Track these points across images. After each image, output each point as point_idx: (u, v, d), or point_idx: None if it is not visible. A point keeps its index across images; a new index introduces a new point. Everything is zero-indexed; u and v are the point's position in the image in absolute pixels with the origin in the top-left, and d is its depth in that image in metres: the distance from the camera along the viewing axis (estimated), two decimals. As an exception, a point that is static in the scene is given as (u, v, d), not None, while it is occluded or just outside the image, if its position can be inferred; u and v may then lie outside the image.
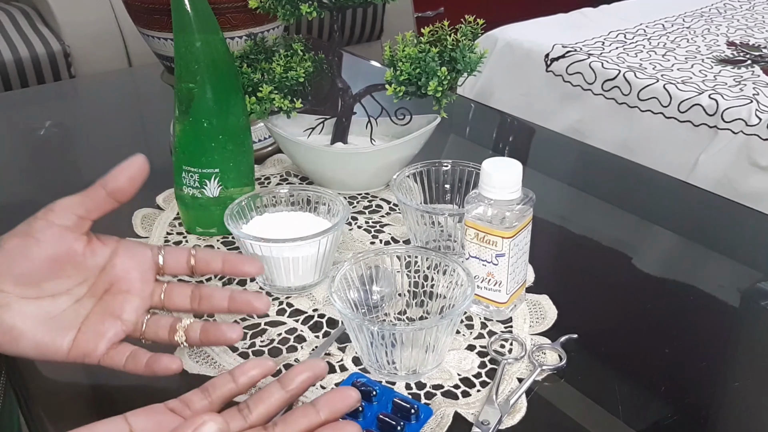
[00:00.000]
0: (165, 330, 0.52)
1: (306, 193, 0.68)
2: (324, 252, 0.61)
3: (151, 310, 0.53)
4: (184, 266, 0.54)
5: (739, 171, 1.36)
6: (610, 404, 0.52)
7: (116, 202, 0.51)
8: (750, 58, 1.67)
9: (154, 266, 0.53)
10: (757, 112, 1.36)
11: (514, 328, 0.59)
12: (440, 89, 0.67)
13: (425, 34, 0.69)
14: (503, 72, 1.80)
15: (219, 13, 0.71)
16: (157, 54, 0.83)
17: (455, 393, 0.53)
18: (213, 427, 0.37)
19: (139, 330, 0.52)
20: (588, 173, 0.93)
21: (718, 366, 0.58)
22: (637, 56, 1.66)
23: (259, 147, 0.87)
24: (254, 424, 0.43)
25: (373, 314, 0.58)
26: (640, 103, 1.51)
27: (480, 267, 0.58)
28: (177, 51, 0.66)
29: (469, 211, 0.57)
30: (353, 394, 0.44)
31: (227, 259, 0.54)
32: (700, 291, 0.68)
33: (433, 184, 0.71)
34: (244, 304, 0.53)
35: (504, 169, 0.56)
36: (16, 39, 1.84)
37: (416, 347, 0.52)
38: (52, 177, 0.90)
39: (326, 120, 0.80)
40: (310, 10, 0.69)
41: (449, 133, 0.98)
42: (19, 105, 1.19)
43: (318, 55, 0.76)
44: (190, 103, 0.66)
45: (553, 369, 0.54)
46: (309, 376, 0.45)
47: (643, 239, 0.78)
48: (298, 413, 0.43)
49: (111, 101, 1.18)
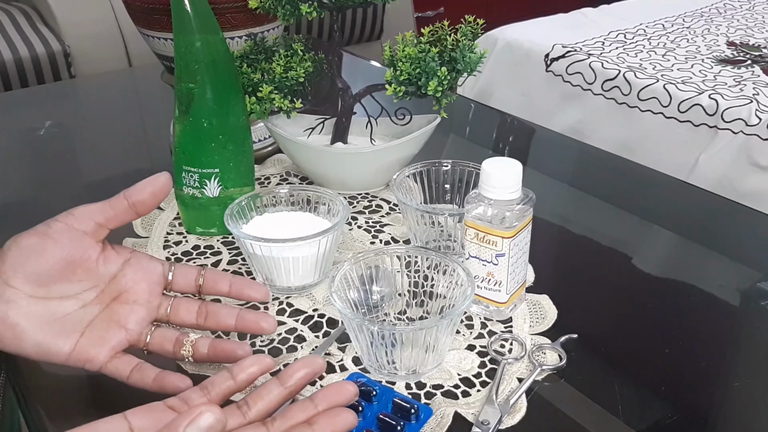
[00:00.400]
0: (170, 343, 0.52)
1: (306, 193, 0.68)
2: (324, 252, 0.61)
3: (155, 322, 0.54)
4: (192, 284, 0.55)
5: (739, 171, 1.36)
6: (610, 404, 0.52)
7: (136, 214, 0.53)
8: (750, 58, 1.67)
9: (163, 281, 0.54)
10: (757, 112, 1.36)
11: (514, 328, 0.59)
12: (440, 89, 0.67)
13: (425, 34, 0.69)
14: (503, 72, 1.80)
15: (219, 13, 0.71)
16: (157, 54, 0.83)
17: (455, 393, 0.53)
18: (210, 417, 0.37)
19: (143, 341, 0.52)
20: (588, 173, 0.93)
21: (718, 366, 0.58)
22: (637, 56, 1.66)
23: (259, 147, 0.87)
24: (253, 421, 0.44)
25: (373, 314, 0.58)
26: (640, 103, 1.51)
27: (480, 267, 0.58)
28: (177, 51, 0.66)
29: (469, 211, 0.57)
30: (351, 388, 0.45)
31: (234, 282, 0.56)
32: (700, 291, 0.68)
33: (433, 184, 0.71)
34: (251, 324, 0.53)
35: (504, 169, 0.56)
36: (16, 39, 1.84)
37: (416, 347, 0.52)
38: (52, 177, 0.90)
39: (326, 120, 0.80)
40: (310, 10, 0.69)
41: (449, 133, 0.98)
42: (19, 105, 1.19)
43: (318, 55, 0.76)
44: (190, 103, 0.66)
45: (553, 369, 0.54)
46: (307, 373, 0.45)
47: (643, 239, 0.78)
48: (296, 408, 0.44)
49: (111, 101, 1.18)
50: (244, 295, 0.56)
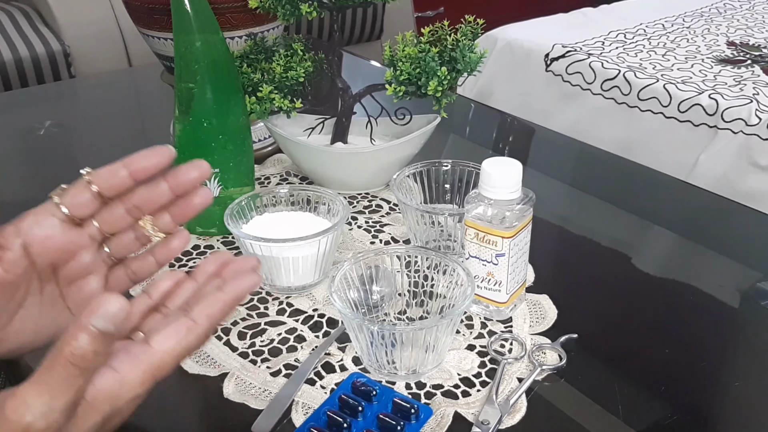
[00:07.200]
0: (133, 243, 0.48)
1: (306, 193, 0.68)
2: (324, 252, 0.61)
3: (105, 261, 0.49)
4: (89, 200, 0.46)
5: (739, 171, 1.36)
6: (610, 404, 0.52)
7: None
8: (750, 58, 1.67)
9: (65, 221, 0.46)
10: (757, 112, 1.36)
11: (514, 328, 0.59)
12: (440, 89, 0.67)
13: (425, 34, 0.69)
14: (503, 72, 1.80)
15: (219, 13, 0.71)
16: (157, 54, 0.83)
17: (455, 393, 0.53)
18: (113, 306, 0.34)
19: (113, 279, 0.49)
20: (588, 173, 0.93)
21: (718, 366, 0.58)
22: (637, 56, 1.66)
23: (259, 147, 0.87)
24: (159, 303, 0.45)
25: (373, 314, 0.58)
26: (640, 102, 1.51)
27: (480, 267, 0.58)
28: (177, 51, 0.66)
29: (469, 211, 0.57)
30: (252, 259, 0.46)
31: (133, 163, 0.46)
32: (700, 291, 0.68)
33: (433, 184, 0.71)
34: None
35: (504, 169, 0.56)
36: (16, 39, 1.84)
37: (416, 347, 0.52)
38: (52, 177, 0.90)
39: (326, 120, 0.80)
40: (310, 10, 0.69)
41: (449, 133, 0.98)
42: (19, 105, 1.19)
43: (318, 55, 0.76)
44: (190, 103, 0.66)
45: (553, 369, 0.54)
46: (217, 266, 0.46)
47: (643, 239, 0.78)
48: (206, 287, 0.44)
49: (111, 101, 1.18)
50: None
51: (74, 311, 0.48)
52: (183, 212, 0.48)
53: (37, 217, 0.46)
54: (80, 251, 0.47)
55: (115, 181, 0.46)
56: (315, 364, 0.55)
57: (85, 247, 0.47)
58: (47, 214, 0.46)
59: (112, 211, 0.47)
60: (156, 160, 0.46)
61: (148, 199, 0.47)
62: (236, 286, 0.42)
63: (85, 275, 0.48)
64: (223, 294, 0.41)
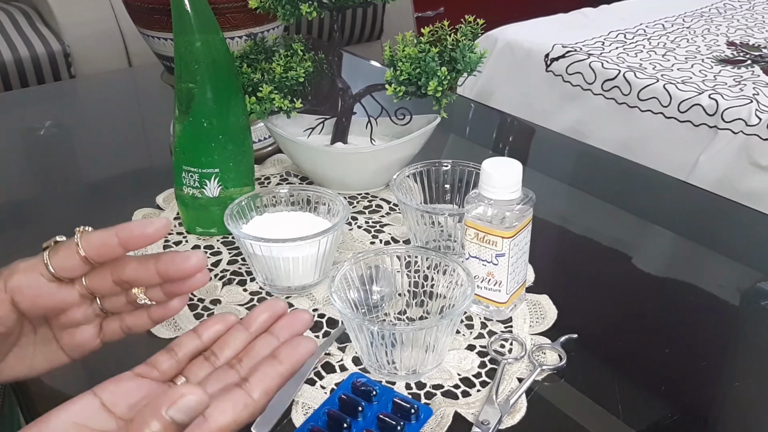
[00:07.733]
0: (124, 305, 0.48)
1: (306, 193, 0.68)
2: (324, 252, 0.61)
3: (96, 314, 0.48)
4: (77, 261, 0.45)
5: (739, 171, 1.36)
6: (610, 404, 0.52)
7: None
8: (750, 58, 1.67)
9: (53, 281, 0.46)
10: (757, 112, 1.36)
11: (514, 328, 0.59)
12: (440, 89, 0.67)
13: (425, 34, 0.69)
14: (503, 72, 1.80)
15: (219, 13, 0.71)
16: (157, 54, 0.83)
17: (455, 393, 0.53)
18: (192, 400, 0.35)
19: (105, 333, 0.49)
20: (588, 173, 0.93)
21: (718, 366, 0.58)
22: (637, 56, 1.66)
23: (259, 147, 0.87)
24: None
25: (373, 314, 0.58)
26: (640, 103, 1.51)
27: (480, 267, 0.58)
28: (177, 51, 0.66)
29: (469, 211, 0.57)
30: (306, 315, 0.46)
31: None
32: (700, 291, 0.68)
33: (433, 184, 0.71)
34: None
35: (504, 169, 0.56)
36: (16, 39, 1.84)
37: (416, 347, 0.52)
38: (52, 177, 0.90)
39: (326, 120, 0.80)
40: (310, 10, 0.69)
41: (449, 133, 0.98)
42: (19, 105, 1.19)
43: (318, 55, 0.76)
44: (190, 103, 0.66)
45: (553, 369, 0.54)
46: (270, 315, 0.46)
47: (643, 239, 0.78)
48: (259, 344, 0.45)
49: (111, 101, 1.18)
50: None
51: (68, 353, 0.49)
52: (175, 289, 0.47)
53: (27, 275, 0.45)
54: (71, 308, 0.47)
55: (104, 250, 0.45)
56: (315, 364, 0.55)
57: (76, 304, 0.47)
58: (36, 273, 0.45)
59: (102, 276, 0.46)
60: (151, 231, 0.45)
61: (136, 277, 0.46)
62: (293, 356, 0.43)
63: (77, 326, 0.48)
64: (280, 367, 0.42)
